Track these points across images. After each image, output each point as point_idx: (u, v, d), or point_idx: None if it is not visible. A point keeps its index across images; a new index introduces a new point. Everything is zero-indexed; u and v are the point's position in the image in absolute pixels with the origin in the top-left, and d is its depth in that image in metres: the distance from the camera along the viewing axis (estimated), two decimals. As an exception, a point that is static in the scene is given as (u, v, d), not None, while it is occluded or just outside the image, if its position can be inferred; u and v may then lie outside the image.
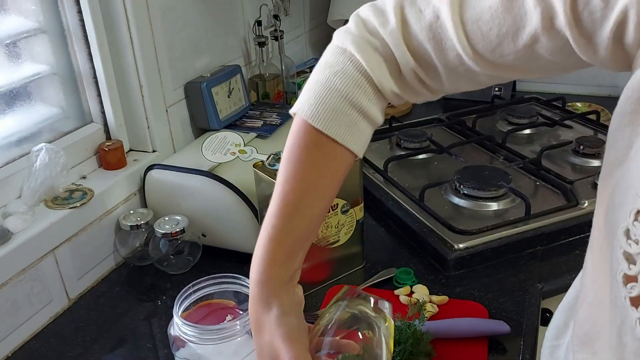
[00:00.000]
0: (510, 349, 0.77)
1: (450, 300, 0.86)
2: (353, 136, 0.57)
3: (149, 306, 0.92)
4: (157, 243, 0.97)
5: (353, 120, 0.57)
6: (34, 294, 0.84)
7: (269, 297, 0.55)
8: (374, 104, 0.58)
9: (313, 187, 0.57)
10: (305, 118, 0.56)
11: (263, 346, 0.55)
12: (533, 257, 0.95)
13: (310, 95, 0.57)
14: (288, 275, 0.57)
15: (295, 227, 0.57)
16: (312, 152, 0.57)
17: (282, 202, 0.56)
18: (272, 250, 0.56)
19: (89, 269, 0.95)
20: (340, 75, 0.56)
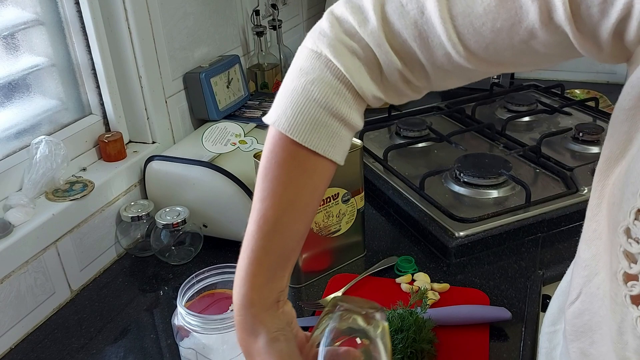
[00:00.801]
0: (511, 335, 0.78)
1: (451, 287, 0.87)
2: (335, 147, 0.53)
3: (152, 297, 0.93)
4: (158, 234, 0.97)
5: (334, 130, 0.53)
6: (37, 286, 0.84)
7: (254, 325, 0.52)
8: (354, 110, 0.54)
9: (292, 204, 0.53)
10: (282, 131, 0.52)
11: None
12: (534, 244, 0.96)
13: (287, 106, 0.53)
14: (272, 298, 0.53)
15: (275, 247, 0.53)
16: (291, 167, 0.53)
17: (260, 220, 0.53)
18: (252, 273, 0.53)
19: (91, 260, 0.95)
20: (317, 83, 0.52)
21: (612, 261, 0.48)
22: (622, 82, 0.50)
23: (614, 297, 0.48)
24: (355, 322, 0.54)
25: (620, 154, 0.47)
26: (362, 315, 0.53)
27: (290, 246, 0.54)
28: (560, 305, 0.70)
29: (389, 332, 0.55)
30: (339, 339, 0.54)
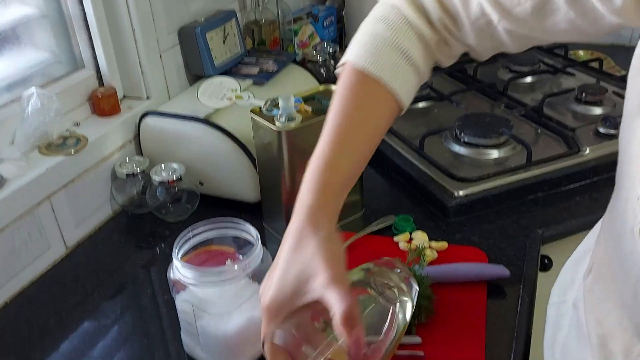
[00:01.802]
0: (509, 293, 0.77)
1: (450, 246, 0.86)
2: (395, 77, 0.59)
3: (148, 254, 0.92)
4: (154, 191, 0.96)
5: (396, 62, 0.59)
6: (32, 241, 0.83)
7: (320, 221, 0.52)
8: (420, 53, 0.61)
9: (361, 123, 0.59)
10: (351, 61, 0.60)
11: (296, 263, 0.50)
12: (533, 203, 0.95)
13: (364, 46, 0.60)
14: (338, 207, 0.55)
15: (347, 159, 0.57)
16: (358, 90, 0.59)
17: (334, 132, 0.57)
18: (328, 178, 0.55)
19: (86, 216, 0.94)
20: (391, 28, 0.60)
21: (628, 218, 0.47)
22: (627, 44, 0.51)
23: (630, 255, 0.47)
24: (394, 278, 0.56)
25: (637, 109, 0.46)
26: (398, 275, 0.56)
27: (356, 165, 0.58)
28: (572, 276, 0.70)
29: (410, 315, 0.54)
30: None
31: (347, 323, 0.45)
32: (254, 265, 0.66)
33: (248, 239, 0.70)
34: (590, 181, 0.98)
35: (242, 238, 0.71)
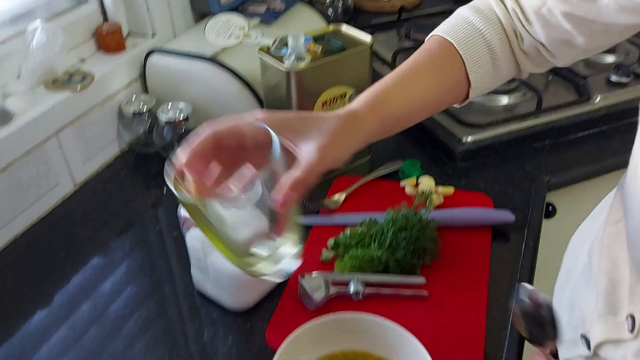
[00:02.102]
0: (513, 238, 0.78)
1: (456, 191, 0.86)
2: (474, 58, 0.61)
3: (156, 193, 0.93)
4: (160, 130, 0.96)
5: (479, 48, 0.62)
6: (40, 177, 0.84)
7: (355, 110, 0.55)
8: (501, 43, 0.63)
9: (427, 74, 0.61)
10: (437, 33, 0.63)
11: (313, 114, 0.54)
12: (541, 151, 0.95)
13: (448, 24, 0.64)
14: (374, 128, 0.56)
15: (402, 98, 0.59)
16: (436, 51, 0.62)
17: (400, 70, 0.60)
18: (377, 103, 0.57)
19: (94, 154, 0.94)
20: (481, 14, 0.63)
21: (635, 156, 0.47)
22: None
23: (635, 194, 0.48)
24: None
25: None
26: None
27: (406, 107, 0.60)
28: (592, 224, 0.70)
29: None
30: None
31: (294, 186, 0.46)
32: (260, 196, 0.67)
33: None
34: (599, 130, 0.98)
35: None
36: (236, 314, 0.70)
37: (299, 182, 0.47)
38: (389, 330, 0.60)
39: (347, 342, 0.62)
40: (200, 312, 0.72)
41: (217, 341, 0.68)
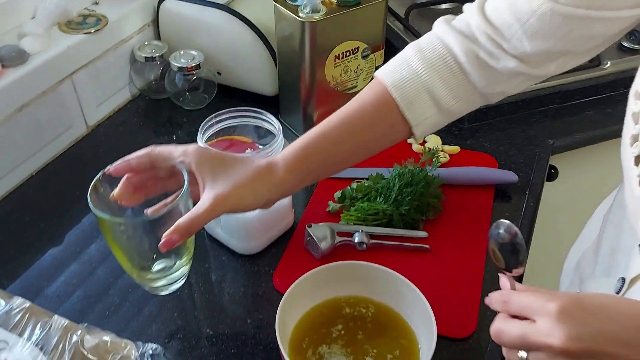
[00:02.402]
0: (515, 198, 0.81)
1: (461, 150, 0.88)
2: (412, 106, 0.61)
3: (166, 139, 0.94)
4: (172, 77, 0.96)
5: (418, 92, 0.61)
6: (55, 118, 0.85)
7: (272, 161, 0.60)
8: (445, 85, 0.61)
9: (357, 131, 0.62)
10: (379, 76, 0.63)
11: (227, 159, 0.60)
12: (546, 114, 0.96)
13: (392, 63, 0.63)
14: (292, 180, 0.60)
15: (330, 156, 0.61)
16: (372, 100, 0.62)
17: (331, 125, 0.62)
18: (304, 159, 0.60)
19: (106, 97, 0.95)
20: (423, 55, 0.61)
21: (627, 126, 0.49)
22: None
23: (627, 162, 0.50)
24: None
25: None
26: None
27: (334, 163, 0.63)
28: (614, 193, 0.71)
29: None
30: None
31: (177, 230, 0.54)
32: (275, 154, 0.69)
33: (270, 130, 0.72)
34: (606, 95, 0.99)
35: (264, 128, 0.73)
36: (244, 258, 0.73)
37: (182, 228, 0.54)
38: (391, 278, 0.63)
39: (350, 288, 0.65)
40: (210, 255, 0.75)
41: (225, 282, 0.71)
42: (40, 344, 0.51)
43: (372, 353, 0.60)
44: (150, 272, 0.63)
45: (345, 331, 0.62)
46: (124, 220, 0.58)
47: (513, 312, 0.43)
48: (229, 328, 0.65)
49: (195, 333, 0.65)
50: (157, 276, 0.63)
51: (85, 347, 0.51)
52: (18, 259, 0.73)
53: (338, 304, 0.65)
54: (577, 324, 0.39)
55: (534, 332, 0.40)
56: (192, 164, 0.57)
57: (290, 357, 0.55)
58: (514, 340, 0.42)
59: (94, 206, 0.57)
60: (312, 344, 0.61)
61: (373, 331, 0.62)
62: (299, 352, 0.60)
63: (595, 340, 0.39)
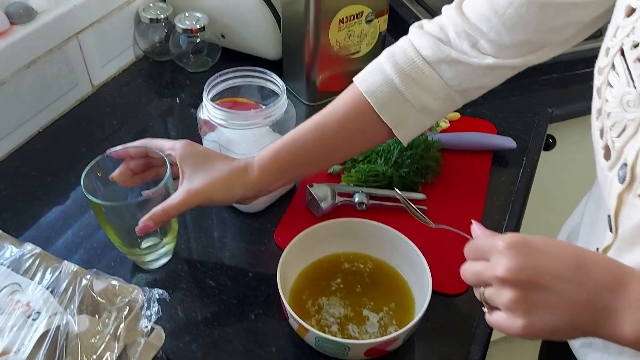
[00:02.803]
0: (512, 163, 0.82)
1: (461, 117, 0.90)
2: (389, 109, 0.62)
3: (169, 101, 0.96)
4: (177, 39, 0.97)
5: (395, 98, 0.62)
6: (61, 76, 0.86)
7: (247, 161, 0.64)
8: (422, 90, 0.62)
9: (329, 128, 0.64)
10: (355, 81, 0.64)
11: (206, 154, 0.65)
12: (547, 83, 0.97)
13: (367, 70, 0.65)
14: (267, 178, 0.63)
15: (301, 158, 0.64)
16: (348, 103, 0.64)
17: (307, 129, 0.64)
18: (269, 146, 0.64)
19: (111, 58, 0.96)
20: (395, 62, 0.63)
21: (593, 100, 0.51)
22: None
23: (594, 136, 0.52)
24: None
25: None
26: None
27: (294, 167, 0.65)
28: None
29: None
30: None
31: (152, 217, 0.60)
32: (278, 114, 0.70)
33: (274, 90, 0.73)
34: (607, 67, 0.99)
35: (268, 89, 0.74)
36: (246, 216, 0.75)
37: (156, 216, 0.60)
38: (389, 235, 0.65)
39: (349, 245, 0.67)
40: (212, 212, 0.76)
41: (227, 238, 0.73)
42: (51, 287, 0.53)
43: (369, 305, 0.62)
44: (138, 249, 0.67)
45: (344, 284, 0.64)
46: (113, 204, 0.63)
47: (474, 255, 0.47)
48: (231, 280, 0.68)
49: (198, 284, 0.67)
50: (146, 252, 0.67)
51: (94, 291, 0.53)
52: (26, 211, 0.75)
53: (337, 259, 0.67)
54: (520, 258, 0.42)
55: (485, 268, 0.45)
56: (177, 157, 0.63)
57: (291, 306, 0.57)
58: (472, 278, 0.47)
59: (86, 191, 0.61)
60: (311, 295, 0.63)
61: (371, 285, 0.64)
62: (299, 303, 0.62)
63: (535, 273, 0.42)
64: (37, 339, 0.49)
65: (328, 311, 0.62)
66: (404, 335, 0.56)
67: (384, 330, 0.60)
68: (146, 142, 0.66)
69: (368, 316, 0.61)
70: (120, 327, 0.51)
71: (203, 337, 0.62)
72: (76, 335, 0.49)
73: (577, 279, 0.42)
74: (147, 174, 0.68)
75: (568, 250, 0.43)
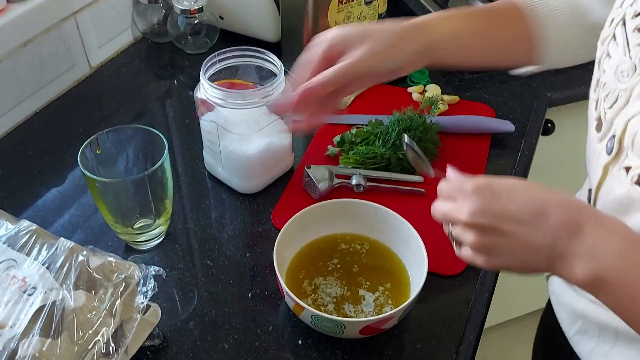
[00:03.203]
0: (510, 146, 0.82)
1: (460, 100, 0.89)
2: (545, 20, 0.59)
3: (167, 83, 0.95)
4: (175, 20, 0.96)
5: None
6: (58, 55, 0.86)
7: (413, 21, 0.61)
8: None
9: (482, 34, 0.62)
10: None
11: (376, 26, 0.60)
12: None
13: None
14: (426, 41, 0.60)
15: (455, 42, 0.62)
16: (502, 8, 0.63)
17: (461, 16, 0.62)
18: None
19: (109, 39, 0.95)
20: None
21: (594, 71, 0.51)
22: None
23: (590, 107, 0.52)
24: None
25: None
26: None
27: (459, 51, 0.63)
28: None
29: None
30: None
31: (316, 81, 0.55)
32: (276, 94, 0.70)
33: (271, 70, 0.73)
34: (607, 52, 0.99)
35: (266, 69, 0.74)
36: (244, 197, 0.75)
37: (322, 80, 0.55)
38: (386, 216, 0.65)
39: (346, 226, 0.67)
40: (210, 193, 0.76)
41: (225, 219, 0.73)
42: (47, 263, 0.53)
43: (365, 285, 0.62)
44: (131, 229, 0.67)
45: (341, 265, 0.65)
46: (107, 180, 0.62)
47: (445, 194, 0.50)
48: (228, 260, 0.68)
49: (196, 264, 0.68)
50: (138, 232, 0.67)
51: (90, 267, 0.53)
52: (22, 190, 0.75)
53: (334, 240, 0.67)
54: (483, 202, 0.45)
55: (452, 210, 0.48)
56: (337, 42, 0.58)
57: (287, 285, 0.57)
58: (441, 217, 0.50)
59: (83, 167, 0.61)
60: (308, 275, 0.63)
61: (367, 266, 0.65)
62: (296, 282, 0.62)
63: (496, 218, 0.45)
64: (32, 314, 0.49)
65: (325, 291, 0.62)
66: (399, 314, 0.56)
67: (379, 310, 0.60)
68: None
69: (364, 296, 0.61)
70: (117, 303, 0.51)
71: (200, 316, 0.62)
72: (72, 310, 0.50)
73: (537, 223, 0.44)
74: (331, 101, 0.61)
75: (531, 194, 0.45)
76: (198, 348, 0.59)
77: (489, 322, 0.63)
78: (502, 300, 1.41)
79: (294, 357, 0.59)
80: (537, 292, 1.43)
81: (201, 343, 0.59)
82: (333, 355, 0.59)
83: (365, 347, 0.59)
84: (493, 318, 1.46)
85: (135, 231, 0.67)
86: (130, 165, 0.70)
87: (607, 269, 0.42)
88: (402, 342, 0.60)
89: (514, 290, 1.34)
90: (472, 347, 0.59)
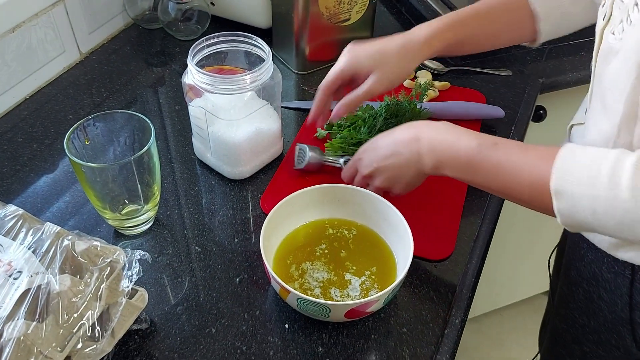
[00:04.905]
0: (500, 133, 0.82)
1: (451, 86, 0.89)
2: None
3: (159, 70, 0.95)
4: (165, 6, 0.96)
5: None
6: (48, 42, 0.85)
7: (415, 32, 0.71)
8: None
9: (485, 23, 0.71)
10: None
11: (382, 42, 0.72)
12: (539, 54, 0.96)
13: None
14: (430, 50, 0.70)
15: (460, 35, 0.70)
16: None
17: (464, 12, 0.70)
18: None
19: (99, 25, 0.95)
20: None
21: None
22: None
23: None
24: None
25: None
26: None
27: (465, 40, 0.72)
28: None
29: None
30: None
31: (346, 103, 0.69)
32: (264, 79, 0.69)
33: (260, 55, 0.73)
34: (600, 38, 0.98)
35: (254, 55, 0.74)
36: (233, 183, 0.75)
37: (352, 100, 0.69)
38: (373, 200, 0.65)
39: (334, 211, 0.67)
40: (200, 179, 0.76)
41: (215, 205, 0.73)
42: (32, 248, 0.53)
43: (352, 270, 0.63)
44: (119, 214, 0.67)
45: (329, 250, 0.65)
46: (93, 165, 0.62)
47: (349, 174, 0.69)
48: (217, 246, 0.68)
49: (185, 249, 0.68)
50: (126, 218, 0.67)
51: (76, 251, 0.53)
52: (11, 177, 0.75)
53: (322, 225, 0.67)
54: (367, 158, 0.65)
55: (352, 172, 0.68)
56: (359, 61, 0.69)
57: (274, 270, 0.57)
58: (348, 178, 0.69)
59: (69, 152, 0.61)
60: (295, 260, 0.63)
61: (354, 251, 0.65)
62: (283, 267, 0.62)
63: (376, 164, 0.64)
64: (18, 298, 0.49)
65: (312, 275, 0.62)
66: (383, 297, 0.56)
67: (365, 294, 0.60)
68: (323, 89, 0.71)
69: (350, 280, 0.62)
70: (102, 287, 0.52)
71: (188, 301, 0.62)
72: (57, 294, 0.50)
73: (395, 151, 0.62)
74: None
75: (386, 137, 0.63)
76: (185, 332, 0.59)
77: (483, 309, 0.63)
78: (497, 287, 1.42)
79: (281, 341, 0.59)
80: (531, 280, 1.44)
81: (189, 327, 0.60)
82: (319, 339, 0.59)
83: (352, 331, 0.59)
84: (487, 305, 1.47)
85: (123, 217, 0.67)
86: (119, 150, 0.70)
87: (441, 153, 0.58)
88: (388, 327, 0.60)
89: (507, 277, 1.35)
90: (458, 331, 0.60)
